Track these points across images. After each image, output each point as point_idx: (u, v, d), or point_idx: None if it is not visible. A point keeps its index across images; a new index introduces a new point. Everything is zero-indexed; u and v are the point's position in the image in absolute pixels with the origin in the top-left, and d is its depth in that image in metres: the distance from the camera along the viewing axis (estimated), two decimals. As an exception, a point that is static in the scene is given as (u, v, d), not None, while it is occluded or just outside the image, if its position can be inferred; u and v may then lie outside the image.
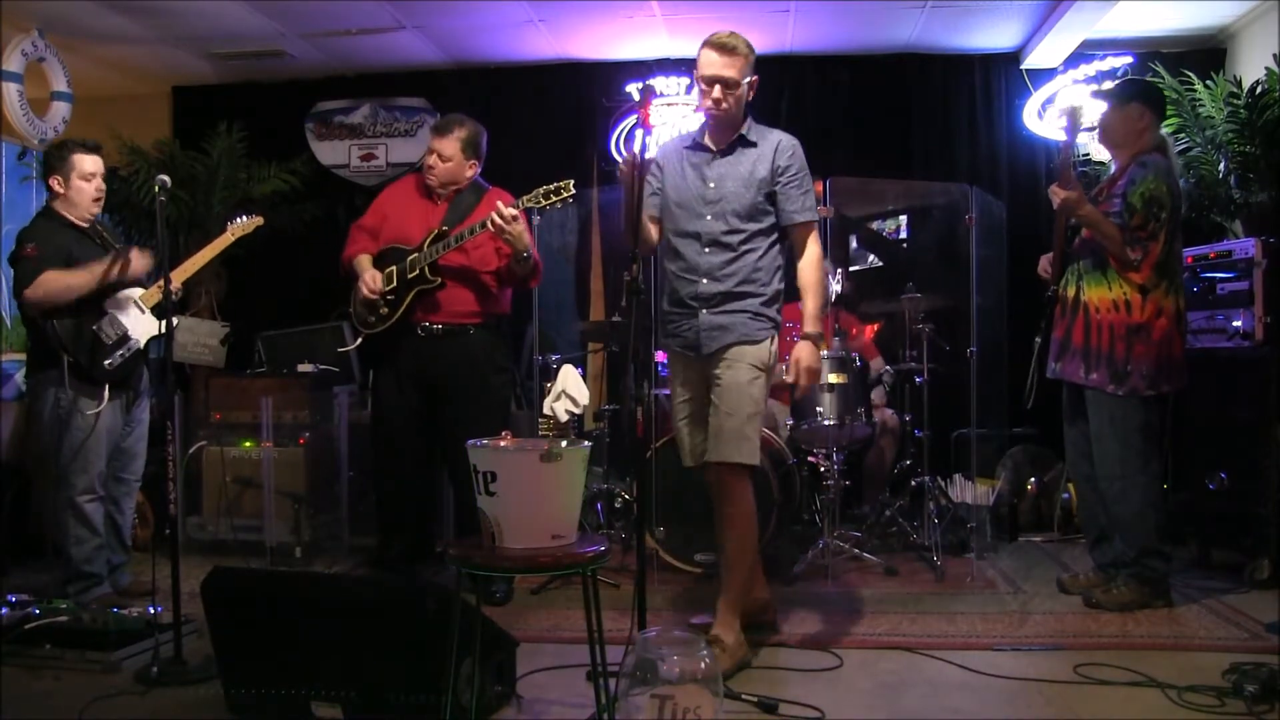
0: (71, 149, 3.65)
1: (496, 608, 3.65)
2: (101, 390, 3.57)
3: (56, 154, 3.66)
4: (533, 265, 3.77)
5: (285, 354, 5.00)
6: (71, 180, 3.62)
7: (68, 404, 3.53)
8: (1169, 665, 2.95)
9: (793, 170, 3.08)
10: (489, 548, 2.26)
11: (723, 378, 3.02)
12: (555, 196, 3.53)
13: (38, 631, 3.10)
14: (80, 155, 3.63)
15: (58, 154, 3.65)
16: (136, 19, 5.06)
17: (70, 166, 3.62)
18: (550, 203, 3.55)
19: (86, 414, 3.54)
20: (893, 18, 5.13)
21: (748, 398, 3.00)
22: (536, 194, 3.56)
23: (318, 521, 4.58)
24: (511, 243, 3.62)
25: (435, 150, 3.87)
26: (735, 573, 3.06)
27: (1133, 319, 3.49)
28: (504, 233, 3.57)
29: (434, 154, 3.87)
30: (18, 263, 3.53)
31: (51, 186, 3.64)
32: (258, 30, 5.23)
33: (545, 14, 5.10)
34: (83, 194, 3.64)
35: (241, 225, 3.96)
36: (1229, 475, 4.01)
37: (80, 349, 3.54)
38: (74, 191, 3.63)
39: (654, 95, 5.69)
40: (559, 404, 4.58)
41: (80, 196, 3.64)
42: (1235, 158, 4.49)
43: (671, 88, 5.63)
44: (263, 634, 2.59)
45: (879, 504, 4.66)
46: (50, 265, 3.49)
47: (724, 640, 2.94)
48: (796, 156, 3.10)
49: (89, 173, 3.64)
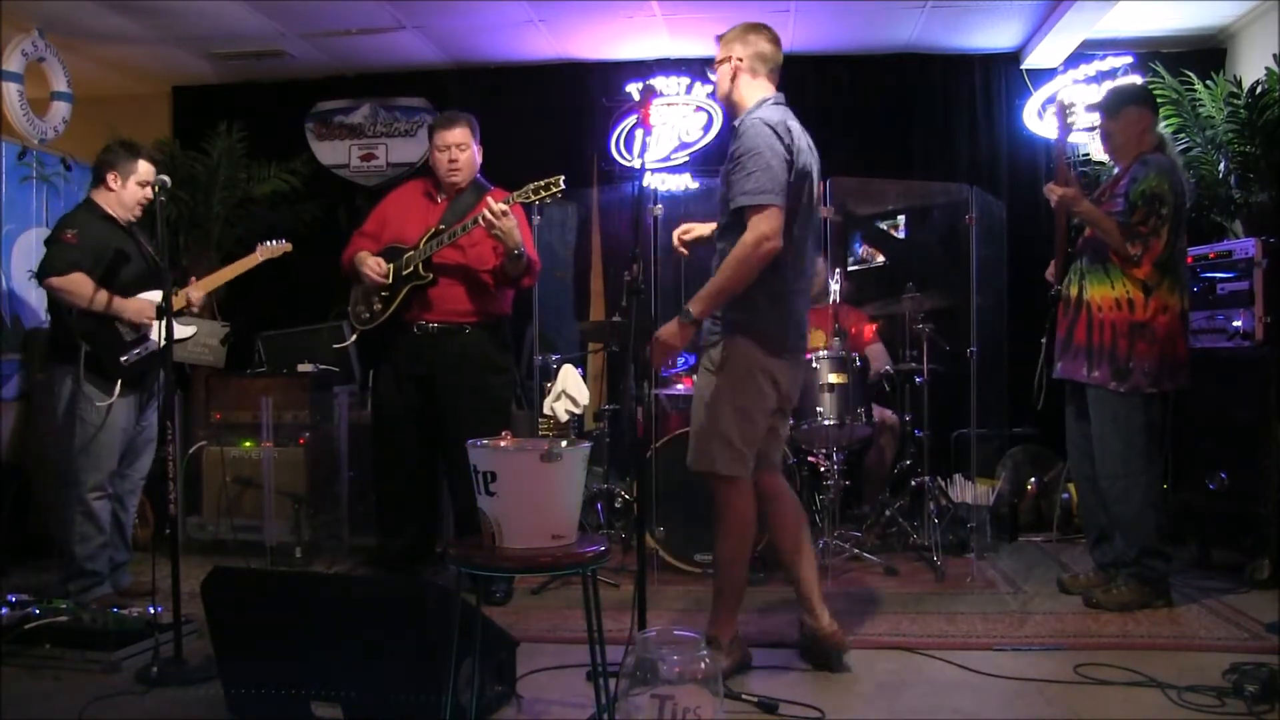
0: (139, 153, 3.74)
1: (496, 608, 3.65)
2: (114, 386, 3.60)
3: (125, 153, 3.71)
4: (527, 264, 3.75)
5: (285, 354, 5.00)
6: (129, 183, 3.69)
7: (83, 398, 3.55)
8: (1169, 665, 2.95)
9: (737, 152, 2.82)
10: (489, 548, 2.26)
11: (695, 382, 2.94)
12: (545, 191, 3.53)
13: (38, 631, 3.10)
14: (144, 162, 3.73)
15: (126, 153, 3.71)
16: (136, 19, 5.06)
17: (133, 170, 3.70)
18: (540, 198, 3.55)
19: (99, 406, 3.57)
20: (893, 18, 5.13)
21: (701, 403, 2.90)
22: (526, 190, 3.56)
23: (318, 521, 4.58)
24: (502, 239, 3.61)
25: (450, 144, 3.84)
26: (721, 577, 2.99)
27: (1135, 317, 3.49)
28: (494, 228, 3.56)
29: (450, 148, 3.84)
30: (53, 245, 3.57)
31: (107, 181, 3.68)
32: (258, 30, 5.23)
33: (545, 14, 5.10)
34: (134, 197, 3.72)
35: (270, 249, 4.04)
36: (1229, 475, 4.01)
37: (100, 343, 3.57)
38: (127, 193, 3.70)
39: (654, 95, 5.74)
40: (559, 404, 4.58)
41: (130, 199, 3.71)
42: (1235, 158, 4.49)
43: (671, 87, 5.63)
44: (263, 634, 2.59)
45: (879, 504, 4.66)
46: (87, 265, 3.55)
47: (719, 640, 2.93)
48: (745, 136, 2.81)
49: (145, 179, 3.71)
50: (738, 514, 2.93)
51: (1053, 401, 3.82)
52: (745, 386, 2.86)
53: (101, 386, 3.59)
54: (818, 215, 3.06)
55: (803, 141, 2.90)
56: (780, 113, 2.90)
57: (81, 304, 3.54)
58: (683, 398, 4.75)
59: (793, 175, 2.81)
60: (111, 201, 3.69)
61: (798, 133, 2.89)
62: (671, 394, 4.63)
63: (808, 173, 2.89)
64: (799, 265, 2.92)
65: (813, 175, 2.94)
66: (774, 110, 2.90)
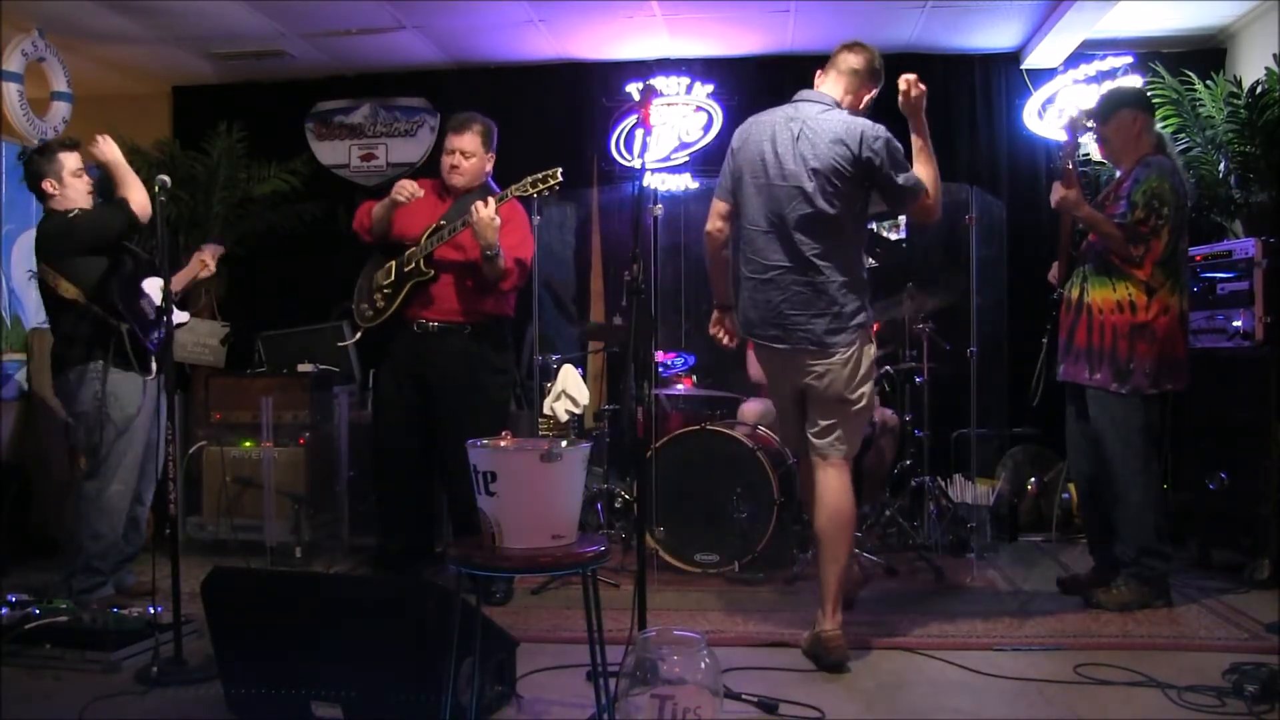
0: (55, 149, 3.71)
1: (496, 608, 3.65)
2: (150, 361, 3.65)
3: (44, 158, 3.69)
4: (502, 268, 3.70)
5: (285, 354, 5.00)
6: (64, 179, 3.67)
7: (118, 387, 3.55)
8: (1169, 665, 2.95)
9: None
10: (489, 548, 2.26)
11: None
12: (543, 184, 3.55)
13: (38, 631, 3.10)
14: (65, 154, 3.69)
15: (45, 157, 3.69)
16: (136, 19, 5.06)
17: (60, 166, 3.67)
18: (538, 190, 3.56)
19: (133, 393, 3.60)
20: (893, 18, 5.13)
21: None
22: (524, 183, 3.58)
23: (318, 521, 4.58)
24: (477, 235, 3.60)
25: (456, 148, 3.84)
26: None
27: (1137, 318, 3.49)
28: (468, 223, 3.58)
29: (455, 153, 3.84)
30: (74, 222, 3.57)
31: (46, 190, 3.67)
32: (258, 30, 5.23)
33: (545, 14, 5.10)
34: (77, 190, 3.69)
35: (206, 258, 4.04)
36: (1229, 475, 4.00)
37: (134, 319, 3.60)
38: (69, 189, 3.67)
39: (654, 95, 5.73)
40: (559, 404, 4.58)
41: (75, 193, 3.68)
42: (1235, 158, 4.49)
43: (671, 87, 5.62)
44: (263, 634, 2.59)
45: (879, 504, 4.66)
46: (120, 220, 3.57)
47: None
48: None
49: (76, 169, 3.69)
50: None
51: (1053, 402, 3.82)
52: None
53: (138, 367, 3.61)
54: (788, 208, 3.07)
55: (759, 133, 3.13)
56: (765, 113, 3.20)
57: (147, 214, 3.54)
58: (683, 398, 4.76)
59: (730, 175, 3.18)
60: (64, 203, 3.67)
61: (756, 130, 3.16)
62: (671, 394, 4.64)
63: (740, 174, 3.16)
64: (748, 253, 3.14)
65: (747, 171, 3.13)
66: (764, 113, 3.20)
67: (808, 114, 3.09)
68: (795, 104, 3.15)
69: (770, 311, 3.07)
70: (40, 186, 3.68)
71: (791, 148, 3.04)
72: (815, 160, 3.01)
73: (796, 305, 3.03)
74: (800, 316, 3.03)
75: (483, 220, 3.55)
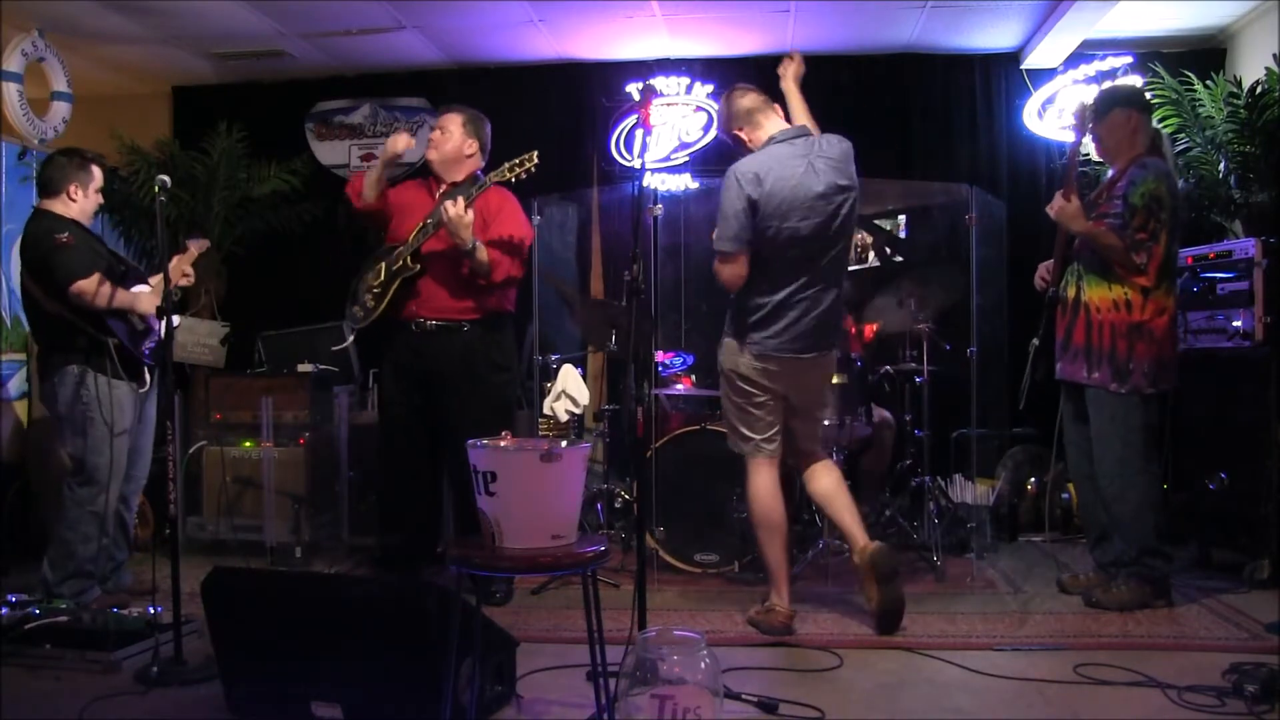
0: (93, 161, 3.76)
1: (496, 608, 3.65)
2: (142, 374, 3.66)
3: (83, 164, 3.72)
4: (485, 262, 3.69)
5: (285, 354, 5.00)
6: (89, 191, 3.73)
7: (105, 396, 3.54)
8: (1169, 665, 2.95)
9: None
10: (489, 548, 2.26)
11: None
12: (520, 168, 3.65)
13: (38, 631, 3.11)
14: (97, 169, 3.77)
15: (83, 164, 3.72)
16: (136, 19, 5.05)
17: (91, 178, 3.73)
18: (515, 174, 3.66)
19: (124, 405, 3.60)
20: (893, 18, 5.13)
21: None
22: (502, 169, 3.66)
23: (318, 521, 4.58)
24: (450, 234, 3.61)
25: (438, 126, 3.93)
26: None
27: (1134, 318, 3.50)
28: (442, 220, 3.60)
29: (437, 129, 3.93)
30: (57, 251, 3.51)
31: (68, 192, 3.68)
32: (258, 30, 5.23)
33: (545, 14, 5.10)
34: (94, 205, 3.77)
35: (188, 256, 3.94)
36: (1229, 475, 4.01)
37: (122, 333, 3.60)
38: (89, 202, 3.74)
39: (654, 95, 5.73)
40: (559, 404, 4.58)
41: (91, 206, 3.75)
42: (1235, 158, 4.49)
43: (671, 87, 5.62)
44: (263, 634, 2.59)
45: (879, 504, 4.66)
46: (101, 266, 3.56)
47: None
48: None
49: (100, 185, 3.76)
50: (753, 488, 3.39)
51: (1052, 402, 3.82)
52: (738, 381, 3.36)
53: (129, 379, 3.61)
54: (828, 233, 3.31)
55: (786, 171, 3.23)
56: (763, 156, 3.29)
57: (102, 304, 3.52)
58: (683, 398, 4.76)
59: (758, 217, 3.21)
60: (74, 211, 3.68)
61: (777, 170, 3.23)
62: (671, 394, 4.63)
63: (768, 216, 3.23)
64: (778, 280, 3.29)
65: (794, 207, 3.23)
66: (760, 154, 3.31)
67: (812, 145, 3.36)
68: (791, 141, 3.36)
69: (810, 324, 3.32)
70: (64, 189, 3.67)
71: (816, 175, 3.28)
72: (842, 178, 3.32)
73: (834, 315, 3.40)
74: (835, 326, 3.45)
75: (452, 219, 3.56)
